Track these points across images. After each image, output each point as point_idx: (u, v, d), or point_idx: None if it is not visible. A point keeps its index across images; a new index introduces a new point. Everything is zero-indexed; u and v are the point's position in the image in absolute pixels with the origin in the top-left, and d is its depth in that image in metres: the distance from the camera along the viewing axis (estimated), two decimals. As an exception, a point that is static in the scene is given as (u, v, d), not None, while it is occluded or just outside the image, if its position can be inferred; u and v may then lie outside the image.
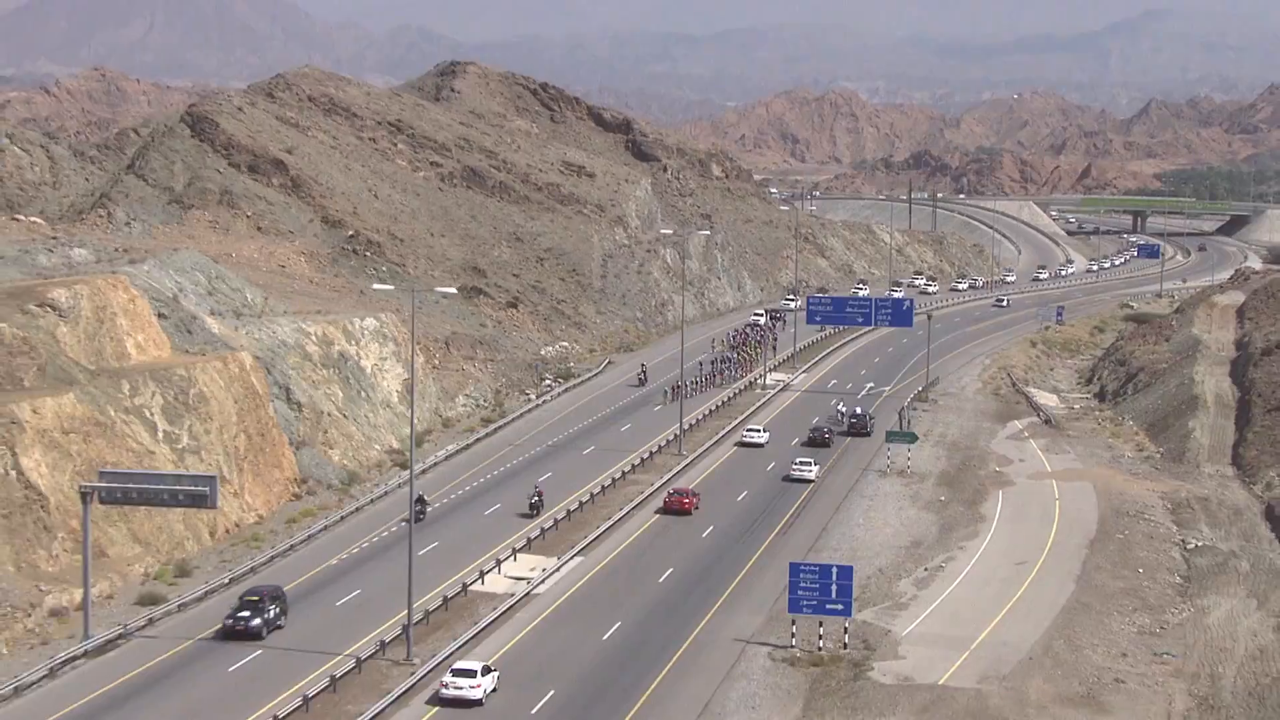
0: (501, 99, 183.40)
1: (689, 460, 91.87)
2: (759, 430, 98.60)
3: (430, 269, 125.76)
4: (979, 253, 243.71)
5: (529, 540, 73.54)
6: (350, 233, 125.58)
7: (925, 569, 71.66)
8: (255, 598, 60.23)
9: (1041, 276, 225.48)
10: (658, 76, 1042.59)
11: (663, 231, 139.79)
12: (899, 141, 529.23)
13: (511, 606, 63.73)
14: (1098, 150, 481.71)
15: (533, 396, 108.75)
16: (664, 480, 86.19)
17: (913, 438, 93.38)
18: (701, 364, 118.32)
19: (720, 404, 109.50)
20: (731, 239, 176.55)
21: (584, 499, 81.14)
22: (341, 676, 54.84)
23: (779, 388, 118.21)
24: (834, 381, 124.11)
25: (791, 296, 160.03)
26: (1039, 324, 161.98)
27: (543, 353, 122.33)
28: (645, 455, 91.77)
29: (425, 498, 77.78)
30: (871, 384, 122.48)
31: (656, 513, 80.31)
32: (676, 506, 79.95)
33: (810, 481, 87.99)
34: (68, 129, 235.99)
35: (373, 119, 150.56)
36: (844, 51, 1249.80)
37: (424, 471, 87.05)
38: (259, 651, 58.22)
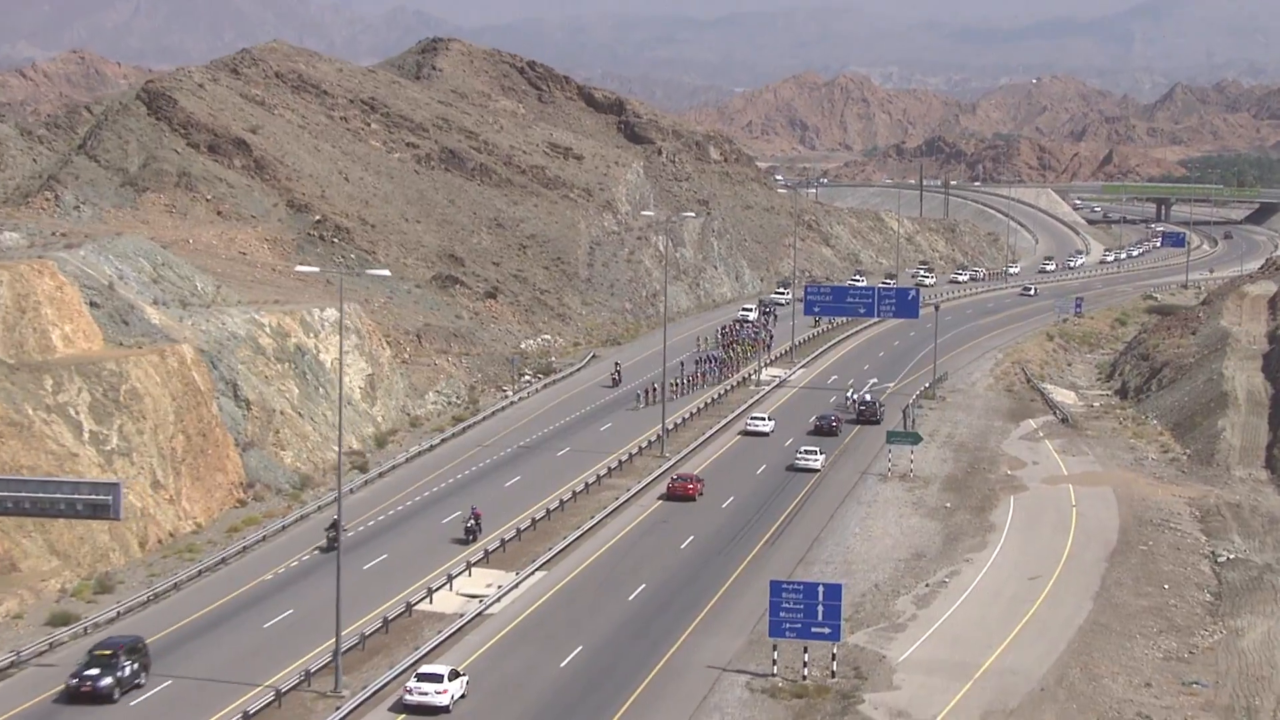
0: (486, 78, 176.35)
1: (673, 463, 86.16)
2: (764, 419, 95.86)
3: (403, 256, 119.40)
4: (994, 241, 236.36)
5: (486, 553, 67.53)
6: (318, 217, 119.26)
7: (927, 584, 66.74)
8: (107, 652, 51.37)
9: (1048, 268, 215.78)
10: (662, 62, 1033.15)
11: (644, 213, 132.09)
12: (912, 128, 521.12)
13: (460, 628, 58.58)
14: (1120, 136, 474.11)
15: (510, 393, 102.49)
16: (642, 485, 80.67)
17: (916, 438, 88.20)
18: (683, 364, 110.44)
19: (709, 402, 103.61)
20: (730, 226, 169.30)
21: (552, 506, 75.53)
22: (257, 712, 49.69)
23: (774, 384, 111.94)
24: (834, 377, 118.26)
25: (783, 290, 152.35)
26: (1056, 316, 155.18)
27: (523, 346, 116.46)
28: (624, 457, 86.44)
29: (340, 522, 69.82)
30: (875, 380, 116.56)
31: (659, 499, 78.51)
32: (680, 493, 78.40)
33: (815, 471, 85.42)
34: (40, 113, 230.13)
35: (345, 97, 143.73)
36: (855, 36, 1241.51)
37: (382, 474, 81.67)
38: (169, 683, 52.34)
